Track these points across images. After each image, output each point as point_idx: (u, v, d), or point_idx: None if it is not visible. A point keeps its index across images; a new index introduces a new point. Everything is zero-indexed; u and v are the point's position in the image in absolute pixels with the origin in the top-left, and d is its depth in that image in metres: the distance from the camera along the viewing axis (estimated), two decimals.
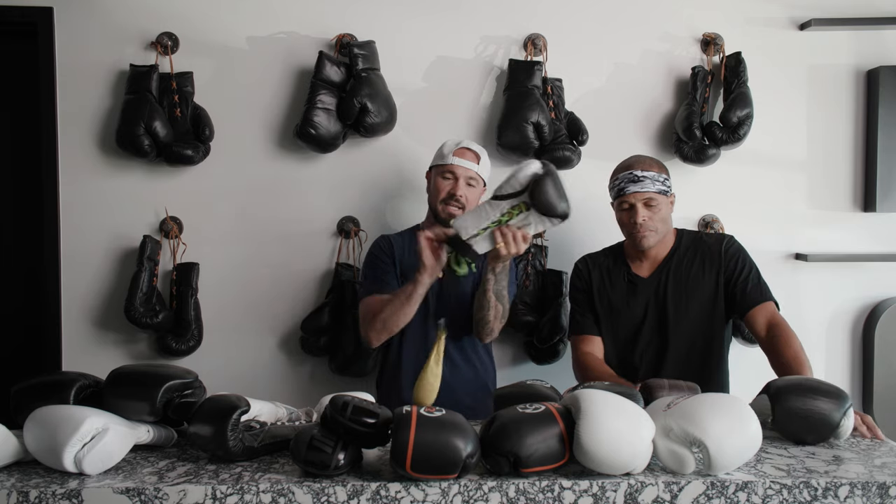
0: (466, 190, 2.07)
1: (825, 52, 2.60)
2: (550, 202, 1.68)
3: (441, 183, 2.08)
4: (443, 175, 2.08)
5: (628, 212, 1.99)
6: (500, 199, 1.73)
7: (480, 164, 2.10)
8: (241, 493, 1.23)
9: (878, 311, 2.59)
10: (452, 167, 2.07)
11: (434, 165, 2.13)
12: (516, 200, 1.72)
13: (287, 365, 2.58)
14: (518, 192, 1.71)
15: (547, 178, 1.69)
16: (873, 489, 1.25)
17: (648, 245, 1.99)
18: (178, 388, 1.39)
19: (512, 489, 1.24)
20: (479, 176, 2.10)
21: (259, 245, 2.56)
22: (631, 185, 1.97)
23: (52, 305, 2.52)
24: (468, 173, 2.07)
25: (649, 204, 1.96)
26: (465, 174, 2.07)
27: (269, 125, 2.55)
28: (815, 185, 2.62)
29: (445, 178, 2.08)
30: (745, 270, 1.97)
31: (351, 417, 1.26)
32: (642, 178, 1.96)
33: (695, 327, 1.98)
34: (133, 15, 2.50)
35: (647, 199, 1.96)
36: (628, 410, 1.29)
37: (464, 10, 2.55)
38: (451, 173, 2.07)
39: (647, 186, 1.95)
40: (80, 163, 2.51)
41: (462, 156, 2.08)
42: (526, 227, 1.75)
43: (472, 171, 2.08)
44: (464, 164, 2.07)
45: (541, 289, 2.55)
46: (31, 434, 1.31)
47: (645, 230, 1.97)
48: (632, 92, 2.59)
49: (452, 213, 2.05)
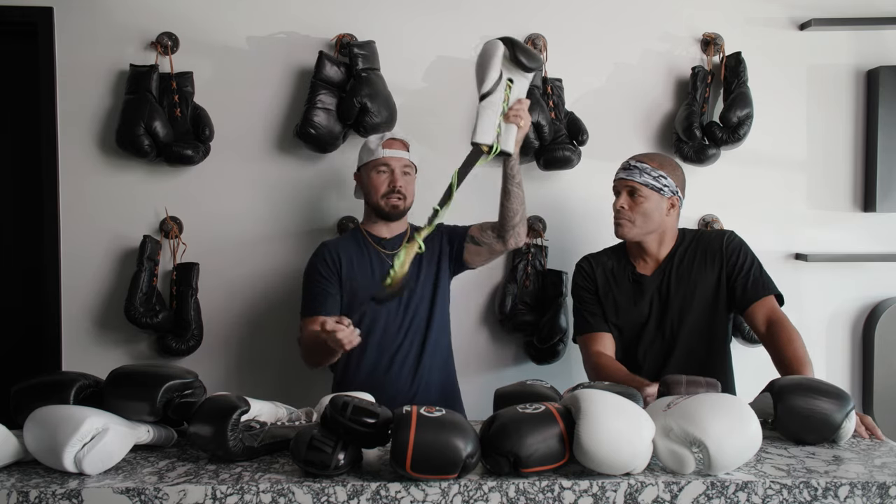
0: (404, 180, 2.08)
1: (825, 52, 2.60)
2: (530, 60, 1.81)
3: (377, 178, 2.08)
4: (377, 170, 2.08)
5: (616, 199, 2.02)
6: (490, 94, 1.78)
7: (410, 152, 2.11)
8: (241, 493, 1.23)
9: (878, 311, 2.59)
10: (386, 160, 2.07)
11: (364, 164, 2.12)
12: (503, 83, 1.79)
13: (287, 365, 2.58)
14: (499, 77, 1.78)
15: (510, 47, 1.78)
16: (873, 489, 1.25)
17: (625, 235, 2.00)
18: (178, 388, 1.39)
19: (512, 489, 1.24)
20: (411, 163, 2.11)
21: (259, 245, 2.56)
22: (621, 172, 2.01)
23: (52, 305, 2.52)
24: (402, 162, 2.08)
25: (633, 194, 1.97)
26: (399, 164, 2.07)
27: (269, 125, 2.55)
28: (815, 185, 2.62)
29: (381, 171, 2.08)
30: (747, 265, 1.96)
31: (351, 417, 1.26)
32: (633, 167, 1.98)
33: (698, 324, 1.98)
34: (133, 15, 2.50)
35: (631, 187, 1.97)
36: (628, 410, 1.29)
37: (464, 10, 2.55)
38: (386, 165, 2.07)
39: (634, 176, 1.96)
40: (80, 163, 2.51)
41: (391, 146, 2.08)
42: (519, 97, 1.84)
43: (405, 159, 2.09)
44: (396, 154, 2.07)
45: (541, 289, 2.55)
46: (31, 434, 1.31)
47: (622, 218, 1.98)
48: (632, 92, 2.59)
49: (397, 206, 2.07)
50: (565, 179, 2.58)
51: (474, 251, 2.12)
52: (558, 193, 2.59)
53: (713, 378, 1.55)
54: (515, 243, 2.07)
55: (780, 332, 1.83)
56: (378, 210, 2.10)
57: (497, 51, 1.77)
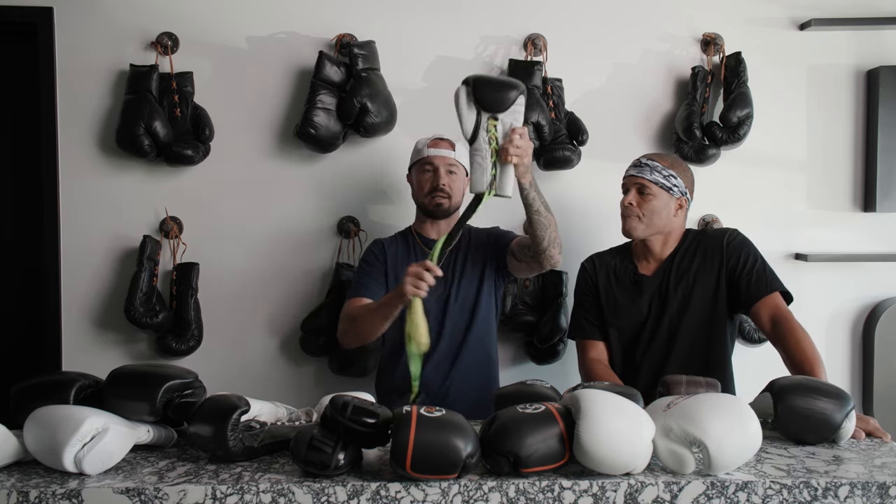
0: (448, 178, 2.08)
1: (825, 52, 2.60)
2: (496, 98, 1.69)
3: (423, 177, 2.11)
4: (423, 169, 2.11)
5: (624, 196, 2.02)
6: (474, 141, 1.72)
7: (457, 152, 2.11)
8: (241, 493, 1.23)
9: (878, 311, 2.59)
10: (430, 158, 2.09)
11: (413, 164, 2.16)
12: (484, 124, 1.72)
13: (287, 365, 2.58)
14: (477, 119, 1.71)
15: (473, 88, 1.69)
16: (873, 489, 1.25)
17: (631, 232, 1.99)
18: (178, 388, 1.39)
19: (512, 489, 1.24)
20: (457, 162, 2.11)
21: (259, 245, 2.56)
22: (631, 169, 2.02)
23: (53, 305, 2.52)
24: (447, 161, 2.09)
25: (642, 191, 1.97)
26: (443, 163, 2.09)
27: (269, 125, 2.55)
28: (815, 185, 2.62)
29: (426, 171, 2.10)
30: (749, 263, 1.94)
31: (351, 417, 1.26)
32: (644, 164, 1.98)
33: (697, 324, 1.97)
34: (133, 15, 2.50)
35: (640, 184, 1.97)
36: (628, 410, 1.29)
37: (464, 10, 2.55)
38: (430, 164, 2.09)
39: (644, 173, 1.97)
40: (80, 163, 2.51)
41: (437, 146, 2.10)
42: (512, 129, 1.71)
43: (451, 158, 2.09)
44: (440, 153, 2.09)
45: (541, 289, 2.55)
46: (31, 434, 1.31)
47: (630, 214, 1.98)
48: (632, 92, 2.59)
49: (440, 204, 2.07)
50: (565, 179, 2.58)
51: (515, 265, 2.08)
52: (558, 193, 2.58)
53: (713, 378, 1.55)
54: (551, 265, 1.97)
55: (787, 330, 1.82)
56: (424, 209, 2.13)
57: (460, 97, 1.71)
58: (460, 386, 2.06)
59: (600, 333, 2.06)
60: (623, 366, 2.04)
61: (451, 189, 2.09)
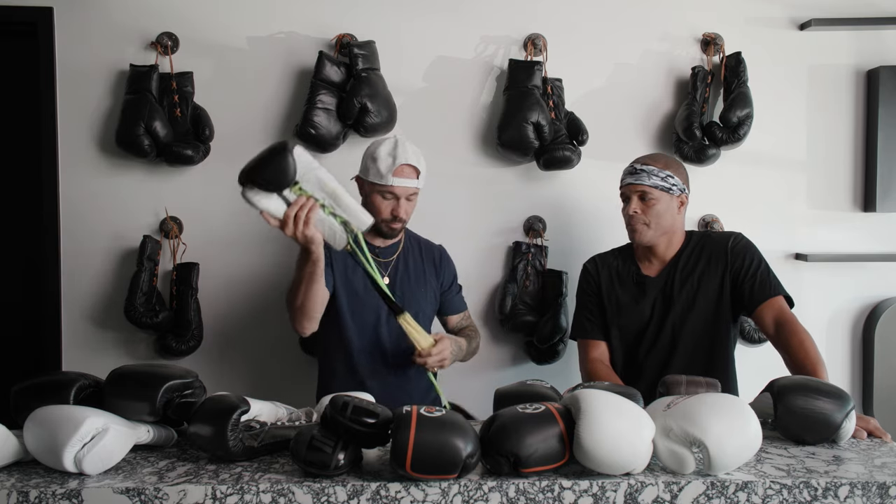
0: (407, 205, 2.00)
1: (825, 52, 2.60)
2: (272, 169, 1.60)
3: (382, 203, 1.97)
4: (383, 195, 1.97)
5: (626, 205, 2.00)
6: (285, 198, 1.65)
7: (420, 178, 1.98)
8: (241, 493, 1.23)
9: (878, 311, 2.59)
10: (392, 189, 1.95)
11: (370, 182, 1.98)
12: (290, 196, 1.66)
13: (287, 365, 2.58)
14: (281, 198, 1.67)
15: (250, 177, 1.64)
16: (873, 489, 1.25)
17: (642, 240, 1.99)
18: (178, 388, 1.39)
19: (512, 489, 1.24)
20: (418, 188, 2.00)
21: (259, 245, 2.55)
22: (628, 178, 2.00)
23: (52, 305, 2.52)
24: (409, 190, 1.97)
25: (644, 197, 1.97)
26: (405, 193, 1.96)
27: (269, 125, 2.55)
28: (815, 185, 2.62)
29: (386, 198, 1.97)
30: (753, 267, 1.94)
31: (351, 417, 1.26)
32: (640, 170, 1.97)
33: (701, 326, 1.97)
34: (133, 15, 2.50)
35: (641, 191, 1.97)
36: (628, 410, 1.29)
37: (464, 10, 2.55)
38: (392, 194, 1.96)
39: (643, 179, 1.96)
40: (80, 163, 2.51)
41: (401, 174, 1.94)
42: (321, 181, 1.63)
43: (412, 188, 1.97)
44: (404, 183, 1.95)
45: (541, 289, 2.55)
46: (31, 434, 1.31)
47: (637, 223, 1.97)
48: (632, 92, 2.59)
49: (395, 229, 2.01)
50: (565, 179, 2.58)
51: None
52: (558, 193, 2.59)
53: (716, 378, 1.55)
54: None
55: (789, 333, 1.82)
56: (376, 227, 2.00)
57: (248, 197, 1.66)
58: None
59: (602, 333, 2.07)
60: (625, 366, 2.04)
61: (406, 215, 2.01)
